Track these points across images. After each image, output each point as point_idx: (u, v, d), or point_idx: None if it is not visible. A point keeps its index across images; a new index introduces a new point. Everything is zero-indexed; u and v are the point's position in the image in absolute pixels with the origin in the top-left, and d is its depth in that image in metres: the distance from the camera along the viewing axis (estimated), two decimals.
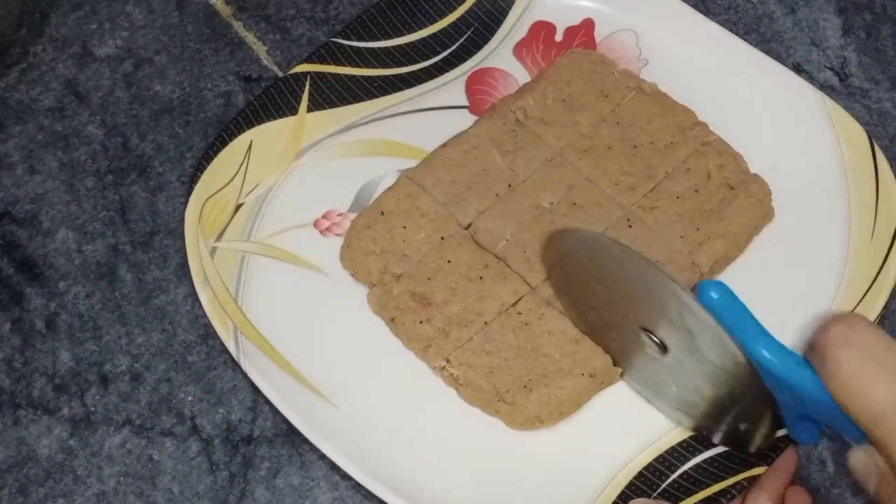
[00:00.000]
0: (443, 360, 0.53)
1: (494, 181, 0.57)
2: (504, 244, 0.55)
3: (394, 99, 0.61)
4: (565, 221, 0.56)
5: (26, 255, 0.58)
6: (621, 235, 0.55)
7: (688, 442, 0.51)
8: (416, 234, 0.56)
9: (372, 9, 0.62)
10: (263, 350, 0.53)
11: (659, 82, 0.60)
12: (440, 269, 0.55)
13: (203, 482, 0.53)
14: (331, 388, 0.53)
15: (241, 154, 0.58)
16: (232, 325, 0.54)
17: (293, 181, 0.58)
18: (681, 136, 0.58)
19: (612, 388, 0.53)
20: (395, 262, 0.55)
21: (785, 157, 0.58)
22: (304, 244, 0.57)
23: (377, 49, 0.62)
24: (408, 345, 0.54)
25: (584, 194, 0.57)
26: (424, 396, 0.53)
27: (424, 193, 0.57)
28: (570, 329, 0.53)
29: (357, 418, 0.52)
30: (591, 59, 0.61)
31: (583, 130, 0.58)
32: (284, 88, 0.60)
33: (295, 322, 0.55)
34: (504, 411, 0.52)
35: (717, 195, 0.56)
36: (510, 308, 0.54)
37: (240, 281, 0.55)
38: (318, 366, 0.53)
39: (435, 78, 0.61)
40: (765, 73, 0.60)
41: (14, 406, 0.55)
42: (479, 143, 0.58)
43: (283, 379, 0.53)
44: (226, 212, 0.57)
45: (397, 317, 0.54)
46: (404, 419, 0.52)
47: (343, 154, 0.59)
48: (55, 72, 0.63)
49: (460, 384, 0.52)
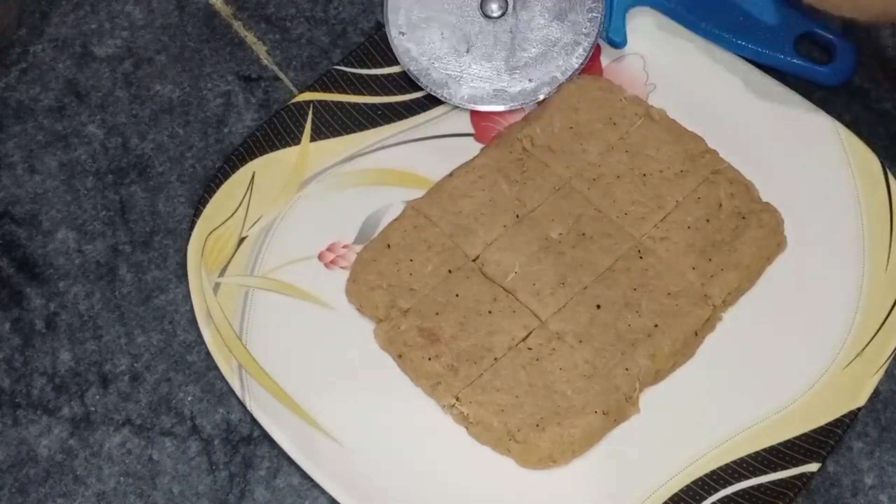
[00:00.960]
0: (452, 397, 0.52)
1: (502, 212, 0.56)
2: (513, 276, 0.54)
3: (398, 127, 0.60)
4: (574, 253, 0.55)
5: (26, 254, 0.58)
6: (632, 267, 0.54)
7: (703, 480, 0.51)
8: (424, 267, 0.55)
9: (375, 35, 0.61)
10: (268, 388, 0.53)
11: (667, 107, 0.59)
12: (448, 303, 0.54)
13: (203, 482, 0.53)
14: (337, 427, 0.52)
15: (243, 186, 0.57)
16: (236, 364, 0.53)
17: (297, 213, 0.57)
18: (691, 164, 0.57)
19: (626, 423, 0.52)
20: (402, 297, 0.54)
21: (797, 185, 0.58)
22: (308, 278, 0.56)
23: (381, 76, 0.61)
24: (416, 381, 0.53)
25: (594, 225, 0.56)
26: (433, 435, 0.52)
27: (431, 225, 0.56)
28: (582, 364, 0.52)
29: (364, 458, 0.52)
30: (598, 84, 0.60)
31: (591, 159, 0.58)
32: (287, 117, 0.59)
33: (300, 358, 0.54)
34: (515, 450, 0.51)
35: (729, 225, 0.55)
36: (520, 343, 0.53)
37: (244, 317, 0.55)
38: (323, 403, 0.53)
39: (439, 105, 0.60)
40: (775, 99, 0.59)
41: (14, 406, 0.54)
42: (486, 173, 0.57)
43: (288, 418, 0.52)
44: (229, 246, 0.56)
45: (405, 353, 0.53)
46: (412, 458, 0.52)
47: (347, 184, 0.58)
48: (55, 72, 0.63)
49: (470, 423, 0.52)
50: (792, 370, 0.53)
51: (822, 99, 0.61)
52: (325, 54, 0.63)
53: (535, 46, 0.60)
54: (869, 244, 0.56)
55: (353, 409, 0.53)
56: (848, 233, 0.56)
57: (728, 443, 0.52)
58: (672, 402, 0.53)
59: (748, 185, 0.57)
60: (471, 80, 0.60)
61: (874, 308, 0.54)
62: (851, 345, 0.54)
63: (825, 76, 0.61)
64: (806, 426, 0.52)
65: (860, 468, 0.53)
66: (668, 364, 0.53)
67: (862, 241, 0.56)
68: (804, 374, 0.53)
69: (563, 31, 0.60)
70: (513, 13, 0.60)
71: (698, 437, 0.52)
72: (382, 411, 0.53)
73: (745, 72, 0.60)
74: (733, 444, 0.52)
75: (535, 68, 0.60)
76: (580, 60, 0.60)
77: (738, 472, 0.51)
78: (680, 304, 0.54)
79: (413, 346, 0.53)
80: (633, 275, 0.54)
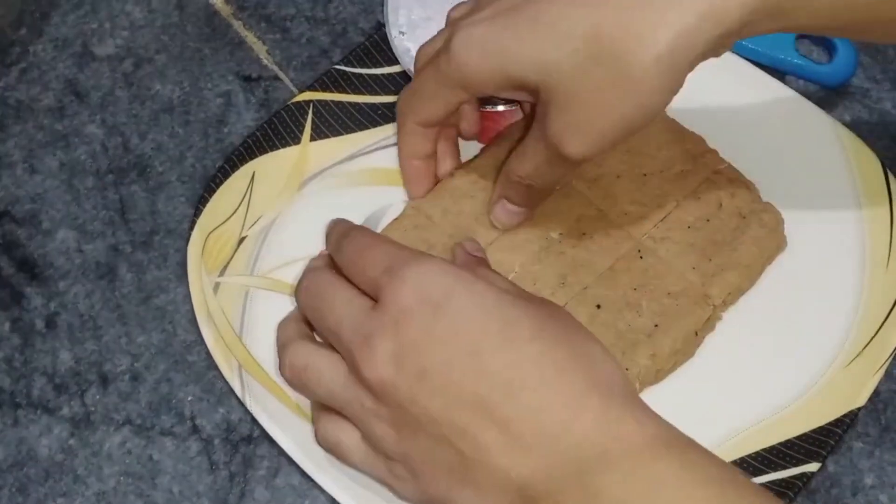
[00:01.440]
0: None
1: None
2: (513, 276, 0.54)
3: None
4: (574, 253, 0.55)
5: (26, 254, 0.58)
6: (632, 267, 0.54)
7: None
8: None
9: (375, 35, 0.61)
10: (268, 388, 0.53)
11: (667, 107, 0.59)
12: None
13: (203, 482, 0.53)
14: None
15: (243, 186, 0.57)
16: (236, 364, 0.53)
17: (297, 212, 0.57)
18: (691, 164, 0.57)
19: None
20: None
21: (797, 185, 0.58)
22: None
23: (381, 76, 0.61)
24: None
25: (594, 224, 0.56)
26: None
27: (432, 225, 0.56)
28: None
29: None
30: None
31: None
32: (287, 117, 0.59)
33: None
34: None
35: (730, 225, 0.55)
36: None
37: (244, 317, 0.54)
38: None
39: None
40: (775, 99, 0.59)
41: (14, 406, 0.54)
42: (487, 173, 0.57)
43: (288, 418, 0.52)
44: (229, 246, 0.56)
45: None
46: None
47: (347, 184, 0.58)
48: (55, 71, 0.63)
49: None
50: (792, 370, 0.53)
51: (822, 99, 0.61)
52: (325, 54, 0.63)
53: None
54: (869, 244, 0.56)
55: None
56: (848, 233, 0.56)
57: (728, 442, 0.52)
58: (672, 401, 0.53)
59: (748, 185, 0.57)
60: None
61: (874, 308, 0.54)
62: (851, 345, 0.54)
63: (825, 76, 0.61)
64: (806, 426, 0.52)
65: (860, 468, 0.53)
66: (668, 364, 0.53)
67: (862, 241, 0.56)
68: (804, 373, 0.53)
69: None
70: None
71: (698, 437, 0.51)
72: None
73: (745, 71, 0.60)
74: (733, 444, 0.52)
75: None
76: None
77: None
78: (680, 304, 0.53)
79: None
80: (634, 274, 0.54)
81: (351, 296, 0.47)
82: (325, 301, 0.47)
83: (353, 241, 0.49)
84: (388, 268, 0.45)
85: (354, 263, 0.48)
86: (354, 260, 0.48)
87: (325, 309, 0.47)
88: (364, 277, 0.47)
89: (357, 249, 0.48)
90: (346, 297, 0.47)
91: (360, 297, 0.47)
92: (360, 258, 0.47)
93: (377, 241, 0.49)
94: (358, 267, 0.47)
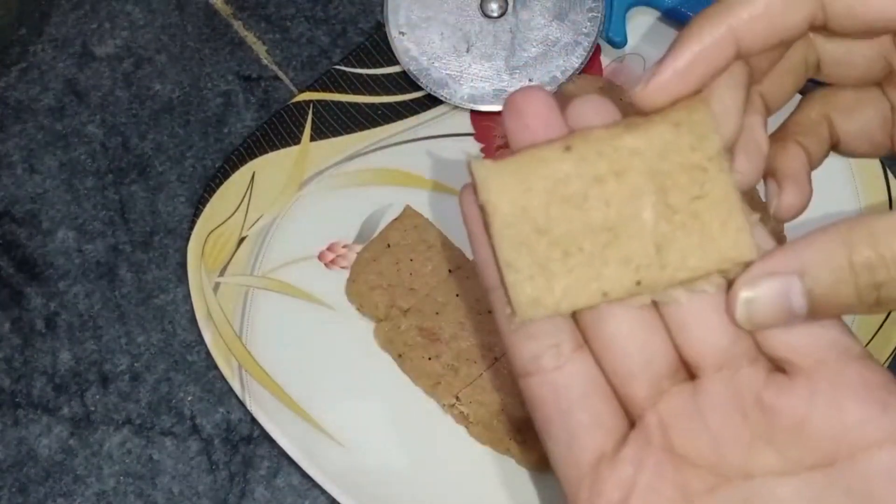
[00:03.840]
0: (452, 397, 0.52)
1: None
2: None
3: (398, 127, 0.60)
4: None
5: (26, 254, 0.58)
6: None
7: None
8: (424, 266, 0.55)
9: (375, 35, 0.61)
10: (268, 388, 0.53)
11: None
12: (448, 302, 0.54)
13: (203, 482, 0.53)
14: (337, 427, 0.52)
15: (243, 186, 0.57)
16: (236, 364, 0.53)
17: (297, 212, 0.57)
18: None
19: None
20: (401, 297, 0.54)
21: None
22: (308, 277, 0.56)
23: (381, 76, 0.61)
24: (416, 381, 0.53)
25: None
26: (433, 435, 0.52)
27: (431, 225, 0.56)
28: None
29: (364, 457, 0.52)
30: (598, 84, 0.60)
31: None
32: (287, 117, 0.59)
33: (300, 358, 0.54)
34: (516, 450, 0.51)
35: None
36: None
37: (244, 317, 0.55)
38: (324, 403, 0.53)
39: (439, 105, 0.60)
40: None
41: (14, 406, 0.55)
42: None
43: (288, 418, 0.52)
44: (229, 246, 0.56)
45: (405, 353, 0.53)
46: (413, 458, 0.52)
47: (347, 184, 0.58)
48: (55, 71, 0.63)
49: (471, 422, 0.52)
50: None
51: None
52: (325, 54, 0.63)
53: (535, 46, 0.60)
54: None
55: (353, 408, 0.53)
56: None
57: None
58: None
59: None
60: (471, 79, 0.60)
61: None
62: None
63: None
64: None
65: None
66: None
67: None
68: None
69: (563, 30, 0.60)
70: (513, 13, 0.60)
71: None
72: (382, 411, 0.53)
73: None
74: None
75: (535, 68, 0.60)
76: (580, 60, 0.60)
77: None
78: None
79: (413, 345, 0.53)
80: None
81: None
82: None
83: None
84: None
85: None
86: None
87: None
88: None
89: None
90: None
91: None
92: None
93: None
94: None
